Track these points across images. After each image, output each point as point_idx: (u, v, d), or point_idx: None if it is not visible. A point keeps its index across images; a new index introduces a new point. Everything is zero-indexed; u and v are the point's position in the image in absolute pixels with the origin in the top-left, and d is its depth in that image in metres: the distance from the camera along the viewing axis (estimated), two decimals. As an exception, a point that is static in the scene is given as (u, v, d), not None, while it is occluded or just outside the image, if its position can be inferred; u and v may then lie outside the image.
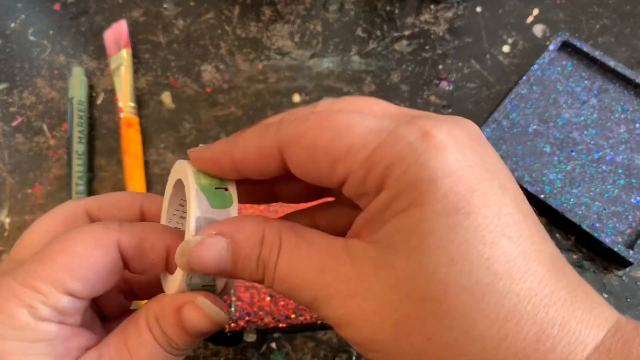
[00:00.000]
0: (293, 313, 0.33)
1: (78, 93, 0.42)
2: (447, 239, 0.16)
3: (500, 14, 0.45)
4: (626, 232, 0.36)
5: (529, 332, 0.16)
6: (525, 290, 0.16)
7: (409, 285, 0.17)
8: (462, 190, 0.17)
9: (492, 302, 0.16)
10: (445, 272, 0.16)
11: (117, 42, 0.43)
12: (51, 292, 0.19)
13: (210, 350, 0.34)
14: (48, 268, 0.19)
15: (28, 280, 0.19)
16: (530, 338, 0.16)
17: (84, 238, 0.20)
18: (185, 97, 0.43)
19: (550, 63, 0.41)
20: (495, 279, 0.16)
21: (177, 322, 0.20)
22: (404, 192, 0.17)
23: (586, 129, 0.39)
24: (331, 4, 0.46)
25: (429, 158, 0.17)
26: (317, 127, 0.18)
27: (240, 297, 0.34)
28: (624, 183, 0.37)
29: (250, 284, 0.34)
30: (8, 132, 0.42)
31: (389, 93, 0.42)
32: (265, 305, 0.34)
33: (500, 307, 0.16)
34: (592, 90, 0.40)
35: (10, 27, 0.46)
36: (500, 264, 0.16)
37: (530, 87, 0.41)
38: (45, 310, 0.19)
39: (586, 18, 0.44)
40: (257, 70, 0.44)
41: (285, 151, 0.19)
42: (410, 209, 0.17)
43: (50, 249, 0.20)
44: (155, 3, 0.47)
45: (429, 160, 0.17)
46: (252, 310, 0.34)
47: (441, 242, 0.16)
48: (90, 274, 0.20)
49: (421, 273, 0.17)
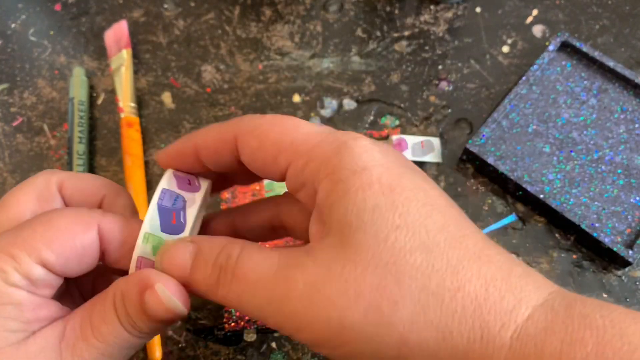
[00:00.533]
0: None
1: (79, 93, 0.42)
2: (390, 211, 0.19)
3: (500, 14, 0.45)
4: (625, 232, 0.36)
5: (477, 284, 0.18)
6: (465, 249, 0.19)
7: (367, 257, 0.18)
8: (392, 175, 0.19)
9: (440, 257, 0.18)
10: (394, 238, 0.18)
11: (118, 42, 0.43)
12: (25, 260, 0.20)
13: (210, 349, 0.34)
14: (26, 236, 0.20)
15: (5, 246, 0.20)
16: (479, 289, 0.18)
17: (67, 214, 0.21)
18: (186, 97, 0.43)
19: (549, 63, 0.41)
20: (436, 239, 0.18)
21: (140, 304, 0.20)
22: (343, 179, 0.19)
23: (585, 129, 0.39)
24: (331, 5, 0.46)
25: (361, 153, 0.20)
26: (269, 122, 0.21)
27: None
28: (624, 183, 0.37)
29: None
30: (9, 132, 0.42)
31: (389, 93, 0.42)
32: None
33: (447, 262, 0.18)
34: (592, 90, 0.40)
35: (11, 28, 0.47)
36: (438, 229, 0.19)
37: (529, 87, 0.41)
38: (16, 276, 0.20)
39: (585, 18, 0.45)
40: (257, 70, 0.44)
41: (239, 139, 0.21)
42: (352, 192, 0.19)
43: (32, 220, 0.21)
44: (156, 3, 0.47)
45: (361, 154, 0.20)
46: None
47: (386, 214, 0.19)
48: (67, 249, 0.20)
49: (376, 243, 0.18)
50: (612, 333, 0.17)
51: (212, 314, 0.35)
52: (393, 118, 0.41)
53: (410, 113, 0.41)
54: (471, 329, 0.18)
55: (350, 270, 0.18)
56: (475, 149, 0.38)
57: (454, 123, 0.41)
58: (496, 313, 0.18)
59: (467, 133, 0.41)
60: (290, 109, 0.42)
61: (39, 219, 0.21)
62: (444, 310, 0.18)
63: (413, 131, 0.41)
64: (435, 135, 0.40)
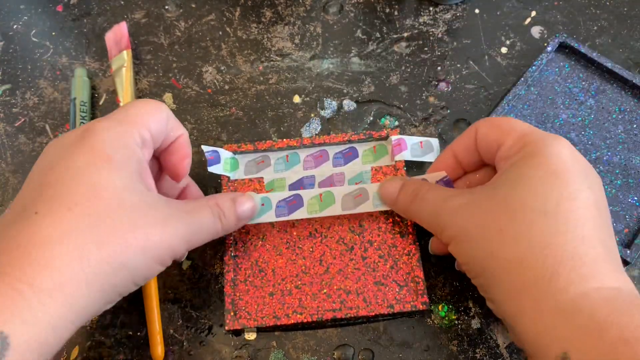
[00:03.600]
0: (293, 311, 0.34)
1: (80, 94, 0.42)
2: (537, 183, 0.26)
3: (499, 15, 0.45)
4: (623, 231, 0.36)
5: (567, 250, 0.25)
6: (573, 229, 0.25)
7: (501, 199, 0.27)
8: (561, 168, 0.27)
9: (549, 223, 0.25)
10: (527, 197, 0.26)
11: (118, 43, 0.44)
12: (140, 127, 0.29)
13: (211, 348, 0.34)
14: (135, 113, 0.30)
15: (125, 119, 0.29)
16: (567, 254, 0.25)
17: (148, 101, 0.31)
18: (187, 98, 0.43)
19: (547, 64, 0.42)
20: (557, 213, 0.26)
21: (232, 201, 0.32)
22: (527, 157, 0.28)
23: (583, 129, 0.40)
24: (331, 6, 0.47)
25: (551, 145, 0.27)
26: (499, 118, 0.31)
27: (240, 296, 0.34)
28: (621, 183, 0.38)
29: (249, 283, 0.35)
30: (11, 132, 0.42)
31: (388, 94, 0.42)
32: (266, 304, 0.34)
33: (555, 228, 0.25)
34: (590, 91, 0.41)
35: (13, 29, 0.47)
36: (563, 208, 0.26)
37: (527, 88, 0.41)
38: (137, 138, 0.29)
39: (584, 19, 0.45)
40: (257, 71, 0.44)
41: (478, 129, 0.31)
42: (525, 165, 0.27)
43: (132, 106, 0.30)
44: (157, 5, 0.47)
45: (551, 147, 0.27)
46: (252, 309, 0.34)
47: (533, 183, 0.27)
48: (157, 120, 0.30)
49: (513, 194, 0.27)
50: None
51: (213, 313, 0.35)
52: (392, 119, 0.41)
53: (409, 114, 0.42)
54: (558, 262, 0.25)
55: (486, 204, 0.28)
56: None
57: (453, 124, 0.41)
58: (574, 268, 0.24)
59: (466, 133, 0.41)
60: (291, 109, 0.42)
61: (136, 106, 0.30)
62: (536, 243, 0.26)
63: (412, 132, 0.41)
64: (434, 135, 0.41)
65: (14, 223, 0.25)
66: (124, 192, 0.26)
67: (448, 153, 0.33)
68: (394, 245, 0.35)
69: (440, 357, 0.33)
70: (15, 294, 0.22)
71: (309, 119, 0.42)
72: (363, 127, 0.41)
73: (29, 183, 0.27)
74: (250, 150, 0.39)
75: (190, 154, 0.33)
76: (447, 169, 0.34)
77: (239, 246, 0.36)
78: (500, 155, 0.30)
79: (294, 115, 0.42)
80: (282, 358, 0.34)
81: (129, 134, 0.28)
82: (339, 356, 0.34)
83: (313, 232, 0.36)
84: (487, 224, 0.27)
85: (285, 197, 0.36)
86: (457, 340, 0.34)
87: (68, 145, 0.27)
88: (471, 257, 0.28)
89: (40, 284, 0.23)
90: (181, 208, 0.29)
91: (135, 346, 0.34)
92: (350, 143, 0.39)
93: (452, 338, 0.34)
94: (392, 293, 0.34)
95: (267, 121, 0.42)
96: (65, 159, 0.26)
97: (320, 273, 0.35)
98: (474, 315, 0.35)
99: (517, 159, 0.28)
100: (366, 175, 0.38)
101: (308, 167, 0.38)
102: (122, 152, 0.27)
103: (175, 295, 0.36)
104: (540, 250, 0.25)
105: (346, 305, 0.34)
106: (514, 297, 0.26)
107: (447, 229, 0.29)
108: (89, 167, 0.26)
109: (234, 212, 0.32)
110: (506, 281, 0.26)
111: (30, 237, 0.24)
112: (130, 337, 0.35)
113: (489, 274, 0.27)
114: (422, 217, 0.32)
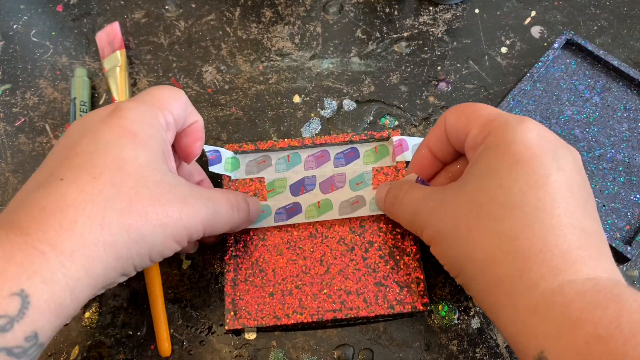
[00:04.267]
0: (294, 312, 0.34)
1: (80, 94, 0.42)
2: (502, 175, 0.26)
3: (499, 15, 0.45)
4: (624, 228, 0.36)
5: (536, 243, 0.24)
6: (541, 220, 0.24)
7: (468, 196, 0.27)
8: (526, 155, 0.25)
9: (516, 216, 0.25)
10: (493, 191, 0.26)
11: (111, 43, 0.44)
12: (164, 111, 0.30)
13: (211, 347, 0.34)
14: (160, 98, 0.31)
15: (151, 104, 0.30)
16: (535, 247, 0.24)
17: (169, 87, 0.32)
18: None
19: (554, 61, 0.42)
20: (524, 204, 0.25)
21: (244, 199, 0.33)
22: (491, 147, 0.27)
23: (588, 126, 0.40)
24: (331, 6, 0.47)
25: (515, 131, 0.26)
26: (466, 104, 0.30)
27: (241, 295, 0.34)
28: (624, 180, 0.38)
29: (249, 283, 0.35)
30: (11, 132, 0.42)
31: (388, 94, 0.42)
32: (266, 304, 0.34)
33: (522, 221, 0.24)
34: (595, 88, 0.41)
35: (13, 29, 0.47)
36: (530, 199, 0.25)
37: (533, 84, 0.41)
38: (162, 120, 0.30)
39: (584, 19, 0.45)
40: (257, 71, 0.44)
41: (447, 118, 0.30)
42: (490, 156, 0.27)
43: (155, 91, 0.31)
44: (157, 4, 0.47)
45: (514, 133, 0.26)
46: (252, 309, 0.34)
47: (498, 175, 0.26)
48: (178, 104, 0.31)
49: (479, 190, 0.26)
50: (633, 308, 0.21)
51: (213, 313, 0.35)
52: (392, 118, 0.41)
53: (409, 113, 0.42)
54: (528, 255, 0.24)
55: (456, 202, 0.27)
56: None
57: (453, 123, 0.41)
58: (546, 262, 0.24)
59: (466, 133, 0.41)
60: (291, 109, 0.42)
61: (160, 90, 0.31)
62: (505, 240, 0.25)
63: (412, 131, 0.41)
64: (434, 135, 0.41)
65: (38, 188, 0.25)
66: (147, 168, 0.27)
67: (423, 147, 0.33)
68: (394, 246, 0.35)
69: (440, 357, 0.33)
70: (37, 254, 0.23)
71: (309, 118, 0.42)
72: (363, 127, 0.41)
73: (54, 153, 0.28)
74: (252, 150, 0.39)
75: (204, 138, 0.34)
76: (424, 164, 0.33)
77: (239, 246, 0.36)
78: (467, 144, 0.29)
79: (294, 115, 0.42)
80: (282, 358, 0.34)
81: (154, 115, 0.29)
82: (338, 356, 0.34)
83: (314, 232, 0.36)
84: (457, 223, 0.27)
85: (284, 205, 0.36)
86: (457, 340, 0.34)
87: (96, 122, 0.28)
88: (449, 258, 0.28)
89: (62, 246, 0.24)
90: (201, 193, 0.30)
91: (135, 346, 0.34)
92: (351, 143, 0.39)
93: (452, 338, 0.34)
94: (392, 294, 0.34)
95: (267, 121, 0.42)
96: (93, 132, 0.27)
97: (321, 273, 0.35)
98: (474, 315, 0.35)
99: (482, 150, 0.27)
100: (367, 176, 0.38)
101: (309, 167, 0.38)
102: (148, 131, 0.28)
103: (175, 295, 0.36)
104: (508, 246, 0.24)
105: (346, 305, 0.34)
106: (489, 295, 0.25)
107: (425, 230, 0.29)
108: (115, 141, 0.27)
109: (247, 208, 0.33)
110: (481, 280, 0.26)
111: (55, 201, 0.24)
112: (130, 336, 0.35)
113: (466, 274, 0.27)
114: (403, 220, 0.32)
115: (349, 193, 0.37)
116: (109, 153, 0.26)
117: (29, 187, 0.26)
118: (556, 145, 0.26)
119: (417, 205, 0.30)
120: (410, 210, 0.31)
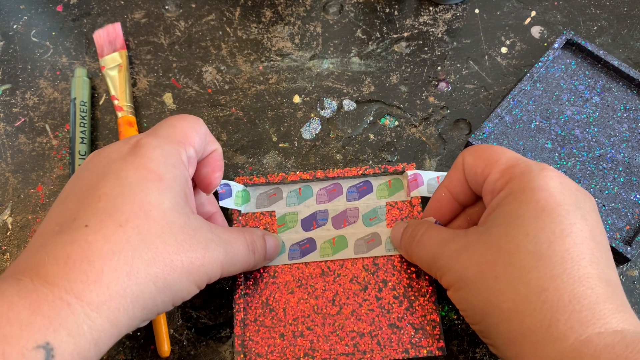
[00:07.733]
0: (305, 354, 0.33)
1: (80, 94, 0.42)
2: (529, 222, 0.25)
3: (499, 15, 0.45)
4: (624, 228, 0.36)
5: (564, 294, 0.24)
6: (569, 270, 0.24)
7: (495, 243, 0.26)
8: (551, 203, 0.26)
9: (544, 266, 0.24)
10: (520, 239, 0.25)
11: (112, 43, 0.44)
12: (187, 146, 0.30)
13: (211, 348, 0.34)
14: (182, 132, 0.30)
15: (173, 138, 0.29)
16: (564, 298, 0.24)
17: (190, 118, 0.31)
18: (187, 98, 0.43)
19: (554, 61, 0.42)
20: (552, 254, 0.25)
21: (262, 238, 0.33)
22: (515, 192, 0.27)
23: (588, 126, 0.40)
24: (331, 6, 0.47)
25: (538, 178, 0.26)
26: (484, 147, 0.30)
27: (251, 337, 0.34)
28: (624, 181, 0.38)
29: (259, 323, 0.34)
30: (11, 132, 0.42)
31: (388, 94, 0.42)
32: (277, 345, 0.33)
33: (550, 272, 0.24)
34: (595, 88, 0.41)
35: (13, 29, 0.47)
36: (557, 248, 0.25)
37: (533, 84, 0.41)
38: (184, 156, 0.29)
39: (584, 19, 0.45)
40: (257, 71, 0.44)
41: (465, 160, 0.30)
42: (515, 202, 0.26)
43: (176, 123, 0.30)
44: (157, 5, 0.47)
45: (538, 180, 0.26)
46: (262, 350, 0.33)
47: (524, 223, 0.26)
48: (199, 137, 0.31)
49: (506, 237, 0.26)
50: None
51: (213, 314, 0.35)
52: (392, 118, 0.41)
53: (409, 114, 0.42)
54: None
55: (481, 248, 0.27)
56: (477, 143, 0.38)
57: (453, 124, 0.41)
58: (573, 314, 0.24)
59: (465, 134, 0.41)
60: (291, 109, 0.42)
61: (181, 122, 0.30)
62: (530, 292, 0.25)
63: (412, 131, 0.41)
64: (434, 136, 0.41)
65: (61, 233, 0.25)
66: (172, 214, 0.27)
67: (443, 190, 0.32)
68: (409, 285, 0.34)
69: (440, 357, 0.33)
70: (64, 305, 0.23)
71: (308, 119, 0.42)
72: (363, 127, 0.41)
73: (74, 192, 0.27)
74: (262, 182, 0.38)
75: (223, 167, 0.33)
76: (444, 206, 0.32)
77: (249, 283, 0.35)
78: (486, 188, 0.29)
79: (294, 115, 0.42)
80: None
81: (177, 153, 0.29)
82: None
83: (325, 269, 0.35)
84: (483, 270, 0.26)
85: (298, 241, 0.36)
86: (457, 340, 0.34)
87: (118, 159, 0.27)
88: (470, 304, 0.27)
89: (89, 298, 0.23)
90: (220, 235, 0.29)
91: (135, 346, 0.34)
92: (364, 177, 0.38)
93: (452, 338, 0.34)
94: (407, 336, 0.33)
95: (267, 121, 0.42)
96: (116, 172, 0.26)
97: (333, 314, 0.34)
98: (474, 315, 0.35)
99: (505, 195, 0.27)
100: (381, 211, 0.37)
101: (321, 201, 0.37)
102: (172, 172, 0.28)
103: (175, 295, 0.36)
104: (537, 296, 0.24)
105: (359, 348, 0.33)
106: (514, 345, 0.25)
107: (445, 274, 0.29)
108: (140, 185, 0.26)
109: (264, 249, 0.33)
110: (506, 329, 0.25)
111: (80, 249, 0.24)
112: (130, 337, 0.35)
113: (489, 322, 0.26)
114: (421, 261, 0.31)
115: (363, 229, 0.36)
116: (135, 197, 0.26)
117: (49, 229, 0.25)
118: (578, 193, 0.27)
119: (438, 247, 0.29)
120: (430, 253, 0.30)
